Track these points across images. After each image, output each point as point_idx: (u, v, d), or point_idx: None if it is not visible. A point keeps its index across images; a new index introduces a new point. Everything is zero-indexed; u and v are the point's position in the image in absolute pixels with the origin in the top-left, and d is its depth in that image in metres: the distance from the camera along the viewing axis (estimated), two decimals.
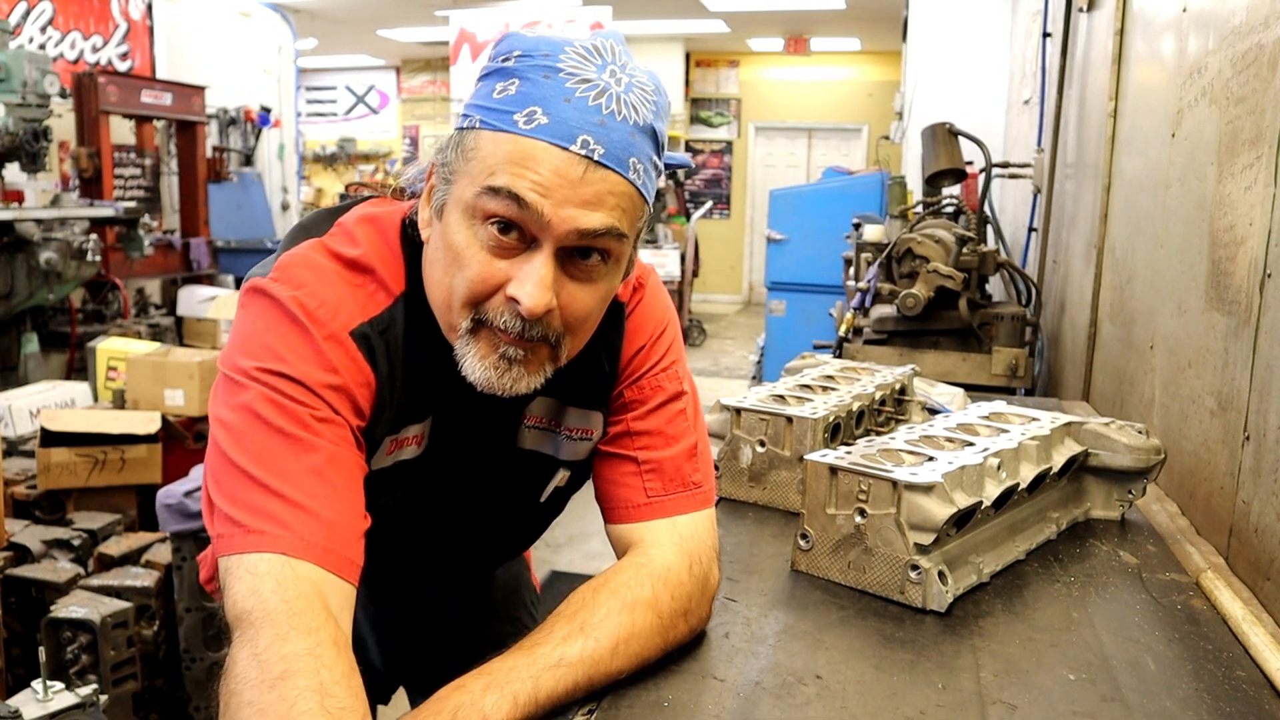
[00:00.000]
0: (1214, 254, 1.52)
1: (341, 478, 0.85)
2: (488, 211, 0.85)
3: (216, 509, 0.84)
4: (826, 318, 4.36)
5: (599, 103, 0.84)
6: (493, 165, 0.85)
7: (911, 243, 2.93)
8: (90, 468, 3.17)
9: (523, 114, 0.84)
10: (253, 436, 0.84)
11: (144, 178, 6.84)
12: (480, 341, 0.89)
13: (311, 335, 0.87)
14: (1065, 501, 1.36)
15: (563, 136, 0.83)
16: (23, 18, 6.14)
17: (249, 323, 0.89)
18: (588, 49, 0.86)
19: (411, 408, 0.97)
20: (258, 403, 0.84)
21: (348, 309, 0.90)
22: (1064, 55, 3.31)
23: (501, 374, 0.89)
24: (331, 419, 0.86)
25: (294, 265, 0.91)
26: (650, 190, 0.90)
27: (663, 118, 0.90)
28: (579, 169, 0.83)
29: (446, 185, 0.90)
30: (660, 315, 1.09)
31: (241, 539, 0.81)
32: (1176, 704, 0.90)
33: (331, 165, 13.63)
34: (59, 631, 2.34)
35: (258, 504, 0.82)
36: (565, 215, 0.84)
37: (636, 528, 1.03)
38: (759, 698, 0.89)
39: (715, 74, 12.16)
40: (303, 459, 0.83)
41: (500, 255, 0.86)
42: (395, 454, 0.99)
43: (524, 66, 0.86)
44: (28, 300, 4.83)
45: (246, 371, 0.86)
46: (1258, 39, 1.40)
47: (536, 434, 1.08)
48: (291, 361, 0.86)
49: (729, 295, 12.43)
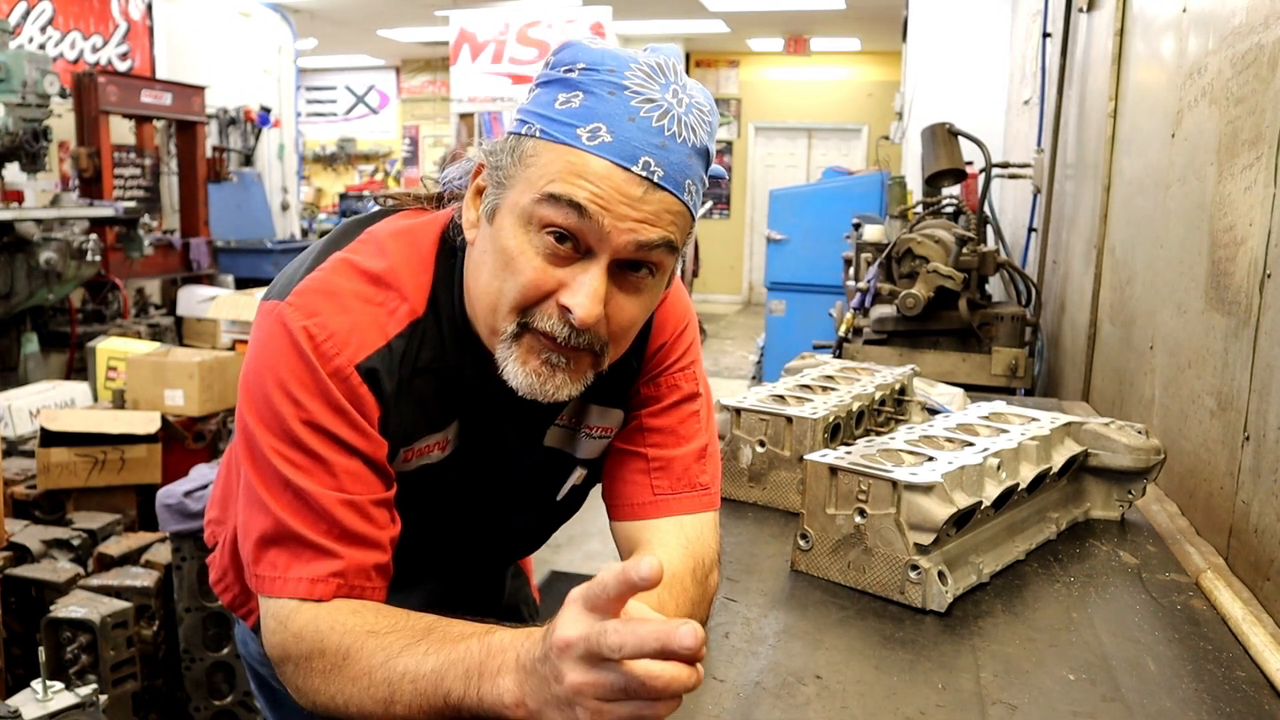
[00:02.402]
0: (1214, 254, 1.52)
1: (357, 503, 0.91)
2: (545, 219, 0.85)
3: (244, 536, 0.93)
4: (826, 318, 4.36)
5: (661, 124, 0.85)
6: (553, 174, 0.85)
7: (911, 243, 2.93)
8: (90, 468, 3.17)
9: (586, 129, 0.84)
10: (271, 473, 0.90)
11: (144, 178, 6.83)
12: (522, 347, 0.90)
13: (316, 370, 0.89)
14: (1065, 502, 1.36)
15: (626, 156, 0.84)
16: (23, 18, 6.14)
17: (261, 344, 0.92)
18: (652, 67, 0.87)
19: (429, 419, 0.98)
20: (275, 438, 0.90)
21: (359, 337, 0.91)
22: (1064, 55, 3.31)
23: (544, 381, 0.90)
24: (339, 449, 0.90)
25: (311, 291, 0.92)
26: (698, 208, 0.91)
27: (714, 136, 0.91)
28: (639, 189, 0.84)
29: (499, 189, 0.90)
30: (682, 313, 1.10)
31: (269, 584, 0.90)
32: (1176, 704, 0.90)
33: (331, 165, 13.63)
34: (59, 631, 2.34)
35: (284, 551, 0.90)
36: (624, 228, 0.85)
37: (643, 526, 1.03)
38: (759, 698, 0.89)
39: (715, 74, 12.16)
40: (316, 500, 0.89)
41: (555, 263, 0.87)
42: (416, 460, 1.00)
43: (589, 80, 0.86)
44: (28, 300, 4.83)
45: (263, 404, 0.90)
46: (1258, 39, 1.40)
47: (560, 432, 1.09)
48: (299, 396, 0.89)
49: (729, 295, 12.42)
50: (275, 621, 0.89)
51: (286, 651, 0.88)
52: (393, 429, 0.95)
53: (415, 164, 13.32)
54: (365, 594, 0.91)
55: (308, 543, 0.89)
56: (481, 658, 0.79)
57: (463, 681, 0.78)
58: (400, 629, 0.85)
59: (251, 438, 0.91)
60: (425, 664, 0.80)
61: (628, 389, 1.06)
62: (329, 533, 0.89)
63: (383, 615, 0.87)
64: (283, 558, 0.89)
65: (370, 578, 0.91)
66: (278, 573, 0.89)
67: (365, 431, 0.91)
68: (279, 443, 0.89)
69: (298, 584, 0.89)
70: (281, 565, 0.89)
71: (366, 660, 0.83)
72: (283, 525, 0.89)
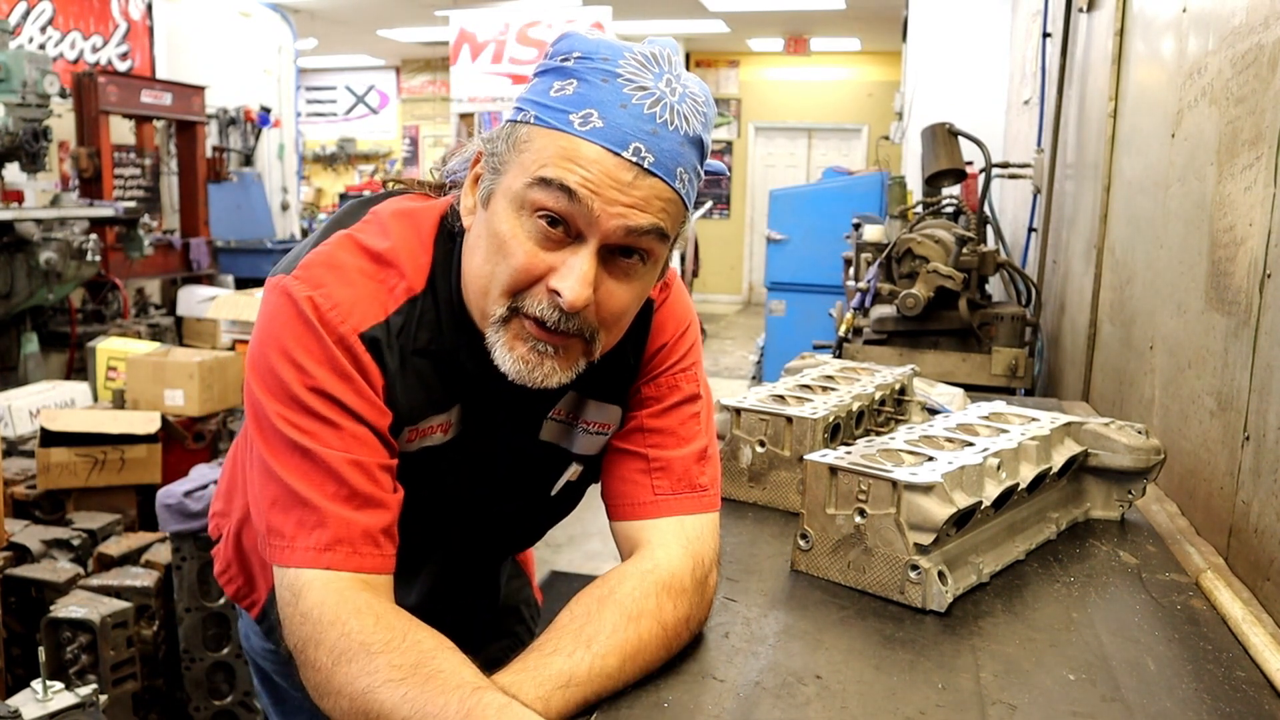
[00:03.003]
0: (1214, 254, 1.52)
1: (364, 464, 0.91)
2: (537, 203, 0.86)
3: (256, 506, 0.94)
4: (826, 318, 4.36)
5: (653, 111, 0.86)
6: (545, 159, 0.86)
7: (911, 243, 2.93)
8: (90, 468, 3.17)
9: (579, 115, 0.86)
10: (279, 439, 0.90)
11: (144, 178, 6.83)
12: (510, 332, 0.91)
13: (322, 337, 0.90)
14: (1065, 502, 1.36)
15: (616, 141, 0.85)
16: (23, 18, 6.14)
17: (268, 316, 0.93)
18: (646, 56, 0.88)
19: (432, 399, 0.99)
20: (282, 405, 0.90)
21: (362, 309, 0.93)
22: (1064, 55, 3.31)
23: (533, 368, 0.91)
24: (345, 414, 0.91)
25: (316, 264, 0.94)
26: (691, 197, 0.92)
27: (710, 128, 0.92)
28: (629, 174, 0.85)
29: (495, 175, 0.91)
30: (683, 315, 1.11)
31: (280, 553, 0.90)
32: (1176, 704, 0.90)
33: (331, 165, 13.63)
34: (59, 631, 2.34)
35: (292, 517, 0.90)
36: (614, 213, 0.85)
37: (642, 526, 1.03)
38: (759, 698, 0.89)
39: (715, 74, 12.16)
40: (324, 460, 0.89)
41: (546, 247, 0.88)
42: (419, 441, 1.01)
43: (583, 68, 0.87)
44: (28, 300, 4.83)
45: (269, 374, 0.91)
46: (1258, 39, 1.40)
47: (556, 426, 1.09)
48: (305, 363, 0.90)
49: (729, 295, 12.42)
50: (289, 593, 0.89)
51: (294, 629, 0.89)
52: (399, 404, 0.95)
53: (415, 164, 13.32)
54: (374, 562, 0.91)
55: (314, 507, 0.89)
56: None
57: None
58: (391, 649, 0.83)
59: (259, 408, 0.92)
60: (399, 710, 0.79)
61: (626, 385, 1.07)
62: (336, 494, 0.90)
63: (382, 623, 0.86)
64: (290, 524, 0.90)
65: (379, 543, 0.91)
66: (286, 541, 0.90)
67: (370, 399, 0.92)
68: (286, 409, 0.90)
69: (306, 553, 0.89)
70: (289, 533, 0.90)
71: (351, 681, 0.82)
72: (291, 490, 0.90)
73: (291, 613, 0.88)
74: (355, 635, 0.84)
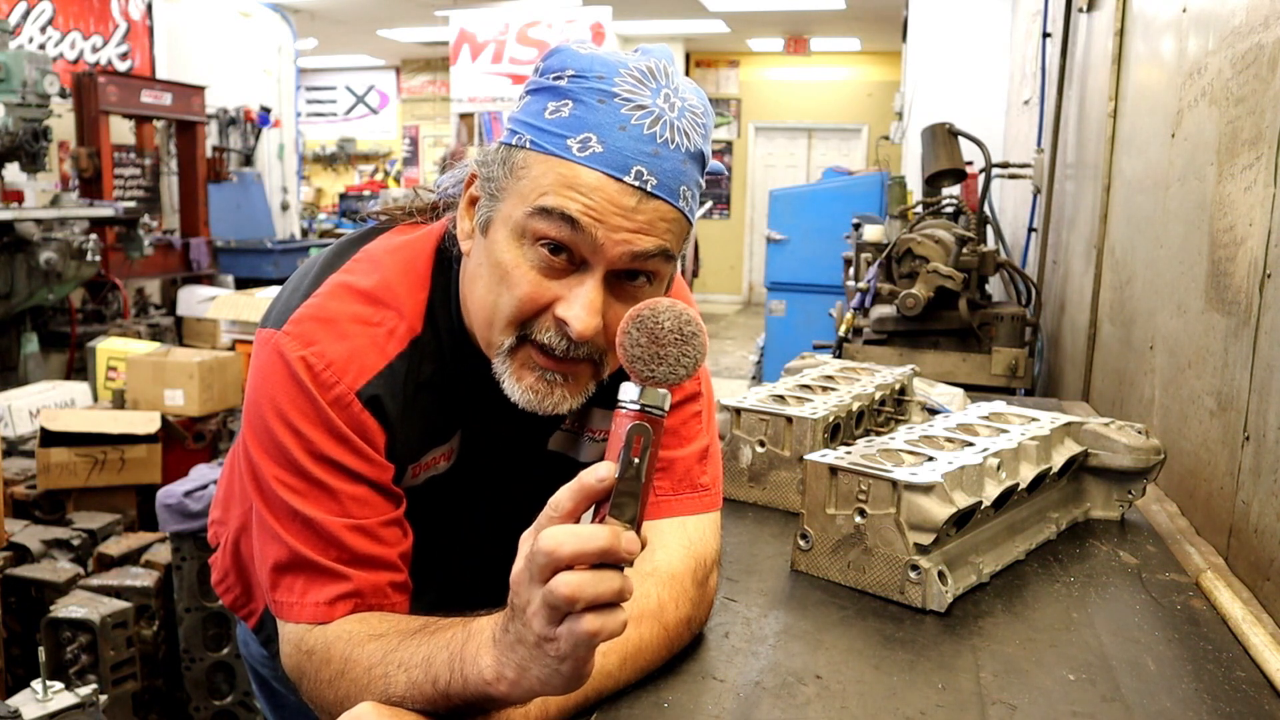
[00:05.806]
0: (1214, 254, 1.52)
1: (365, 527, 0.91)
2: (538, 233, 0.84)
3: (260, 563, 0.94)
4: (826, 318, 4.36)
5: (653, 131, 0.84)
6: (544, 186, 0.84)
7: (911, 243, 2.93)
8: (90, 468, 3.17)
9: (576, 140, 0.83)
10: (278, 503, 0.90)
11: (144, 178, 6.83)
12: (517, 361, 0.90)
13: (316, 400, 0.89)
14: (1065, 502, 1.36)
15: (617, 167, 0.83)
16: (23, 18, 6.14)
17: (261, 375, 0.92)
18: (642, 71, 0.85)
19: (434, 432, 0.99)
20: (279, 469, 0.90)
21: (359, 363, 0.91)
22: (1064, 55, 3.31)
23: (543, 397, 0.90)
24: (343, 477, 0.90)
25: (307, 318, 0.92)
26: (694, 212, 0.90)
27: (709, 138, 0.90)
28: (632, 199, 0.83)
29: (493, 201, 0.89)
30: None
31: (286, 610, 0.91)
32: (1176, 704, 0.90)
33: (331, 165, 13.63)
34: (59, 631, 2.34)
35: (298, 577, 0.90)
36: (618, 239, 0.84)
37: (643, 526, 1.02)
38: (759, 698, 0.89)
39: (715, 74, 12.16)
40: (324, 528, 0.89)
41: (549, 276, 0.86)
42: (424, 474, 1.01)
43: (578, 88, 0.85)
44: (28, 300, 4.83)
45: (265, 435, 0.90)
46: (1258, 39, 1.40)
47: (563, 436, 1.09)
48: (300, 427, 0.89)
49: (729, 295, 12.43)
50: (290, 645, 0.90)
51: (301, 669, 0.89)
52: (400, 450, 0.95)
53: (415, 164, 13.32)
54: (384, 610, 0.92)
55: (320, 568, 0.89)
56: (463, 640, 0.79)
57: (447, 668, 0.78)
58: (400, 629, 0.86)
59: (256, 469, 0.91)
60: (417, 653, 0.81)
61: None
62: (339, 558, 0.90)
63: (386, 619, 0.88)
64: (298, 583, 0.90)
65: (387, 596, 0.92)
66: (294, 598, 0.90)
67: (369, 457, 0.91)
68: (283, 473, 0.89)
69: (315, 609, 0.89)
70: (298, 591, 0.90)
71: (367, 659, 0.84)
72: (295, 553, 0.90)
73: (298, 659, 0.90)
74: (361, 634, 0.87)
